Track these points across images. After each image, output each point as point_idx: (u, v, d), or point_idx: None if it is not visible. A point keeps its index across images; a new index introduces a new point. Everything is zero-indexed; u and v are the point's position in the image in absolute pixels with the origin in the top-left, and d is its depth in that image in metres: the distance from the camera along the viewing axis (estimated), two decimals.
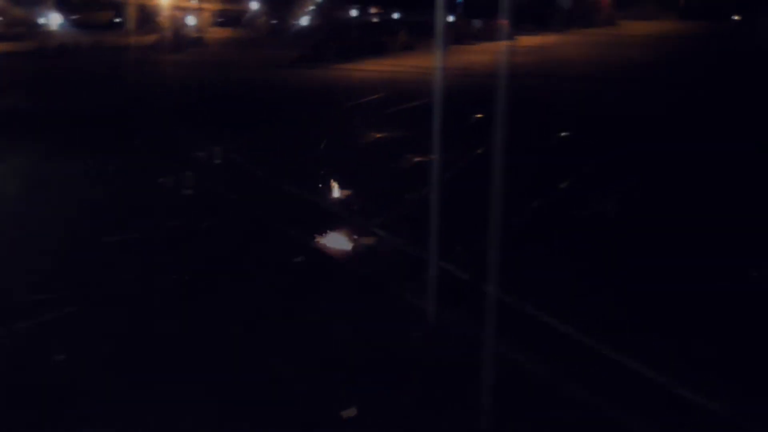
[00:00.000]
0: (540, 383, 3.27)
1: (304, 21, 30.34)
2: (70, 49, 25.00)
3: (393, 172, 7.10)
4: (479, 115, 9.19)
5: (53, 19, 28.37)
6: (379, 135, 8.82)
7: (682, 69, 16.60)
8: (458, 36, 23.01)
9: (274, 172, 7.05)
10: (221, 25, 32.34)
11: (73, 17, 28.62)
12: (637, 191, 6.23)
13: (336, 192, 6.35)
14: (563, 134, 8.58)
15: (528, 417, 3.02)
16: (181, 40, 27.24)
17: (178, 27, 29.18)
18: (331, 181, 6.58)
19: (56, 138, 9.26)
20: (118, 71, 18.33)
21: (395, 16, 27.10)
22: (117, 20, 30.22)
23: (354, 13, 28.41)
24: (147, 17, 30.59)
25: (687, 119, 9.66)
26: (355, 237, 5.24)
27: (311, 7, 30.71)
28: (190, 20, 31.11)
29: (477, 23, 26.45)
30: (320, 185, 6.58)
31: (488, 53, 19.67)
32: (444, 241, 3.71)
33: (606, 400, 3.08)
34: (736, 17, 31.36)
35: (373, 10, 27.29)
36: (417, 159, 7.28)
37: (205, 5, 32.71)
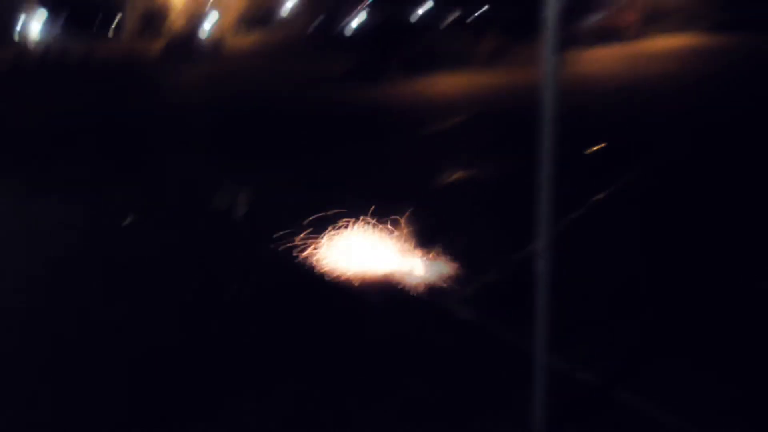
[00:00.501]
0: None
1: (357, 21, 24.85)
2: (54, 61, 22.18)
3: (482, 224, 5.84)
4: (601, 145, 8.07)
5: (33, 25, 24.48)
6: (460, 174, 7.65)
7: None
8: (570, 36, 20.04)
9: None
10: (248, 27, 27.74)
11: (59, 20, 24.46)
12: None
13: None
14: None
15: None
16: (193, 48, 23.51)
17: (190, 31, 25.21)
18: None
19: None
20: (100, 95, 16.40)
21: (480, 11, 21.19)
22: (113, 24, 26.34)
23: (422, 10, 22.10)
24: (152, 19, 26.69)
25: None
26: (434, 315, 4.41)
27: (366, 3, 24.65)
28: (207, 23, 26.58)
29: (594, 18, 22.75)
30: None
31: (612, 60, 18.45)
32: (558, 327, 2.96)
33: None
34: None
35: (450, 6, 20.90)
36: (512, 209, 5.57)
37: (227, 2, 27.34)
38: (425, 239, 5.40)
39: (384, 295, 4.73)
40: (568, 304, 3.14)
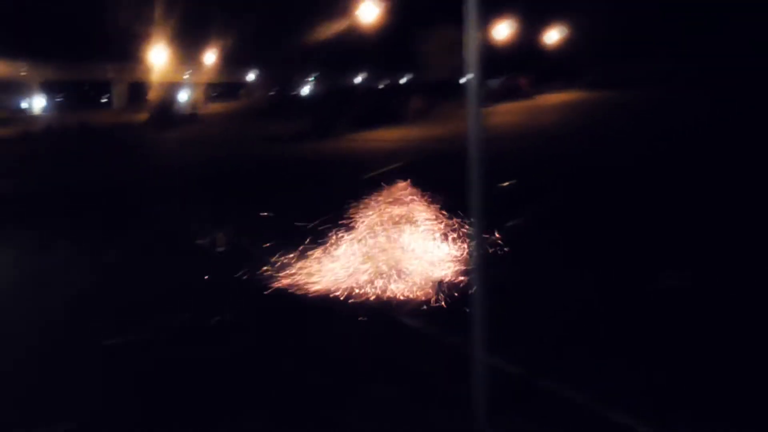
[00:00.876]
0: None
1: (306, 90, 26.08)
2: (56, 131, 22.24)
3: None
4: (511, 182, 7.94)
5: (37, 102, 25.12)
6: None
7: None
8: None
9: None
10: (217, 98, 28.31)
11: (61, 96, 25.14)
12: None
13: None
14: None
15: None
16: (172, 116, 23.93)
17: (169, 103, 25.71)
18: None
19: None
20: (96, 154, 16.41)
21: (405, 79, 22.28)
22: (104, 98, 27.16)
23: (358, 79, 23.27)
24: (137, 94, 27.10)
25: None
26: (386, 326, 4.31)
27: (312, 75, 26.09)
28: (182, 95, 27.31)
29: (497, 81, 23.98)
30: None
31: (513, 113, 18.88)
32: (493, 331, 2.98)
33: None
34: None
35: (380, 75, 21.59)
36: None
37: (199, 79, 27.90)
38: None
39: (343, 310, 4.63)
40: (500, 310, 3.13)
